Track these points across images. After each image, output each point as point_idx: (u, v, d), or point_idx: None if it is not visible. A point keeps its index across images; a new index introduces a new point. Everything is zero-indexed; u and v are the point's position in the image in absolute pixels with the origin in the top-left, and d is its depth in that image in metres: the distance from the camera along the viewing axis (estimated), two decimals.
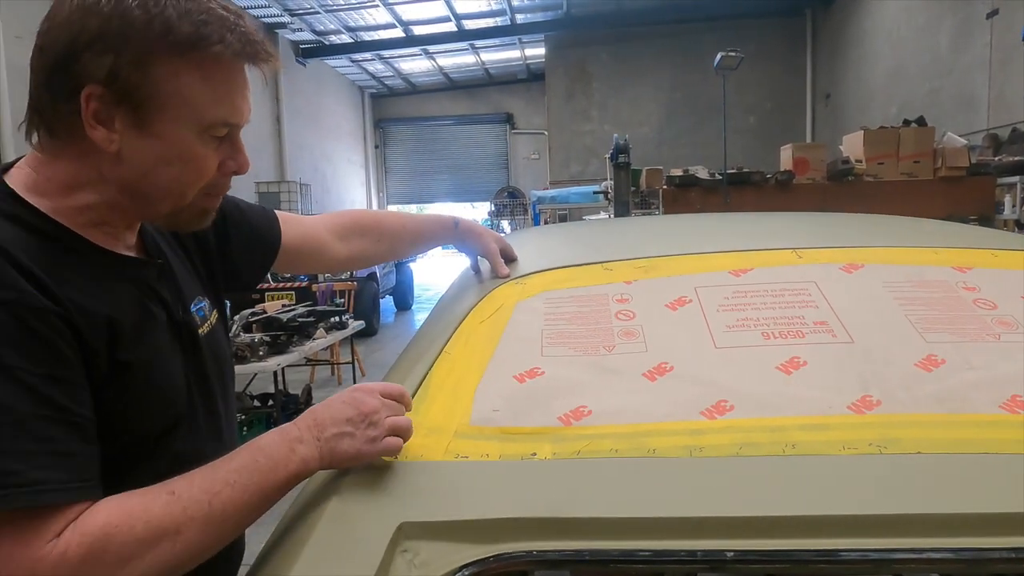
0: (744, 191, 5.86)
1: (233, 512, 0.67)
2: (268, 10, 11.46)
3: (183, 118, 0.71)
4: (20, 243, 0.66)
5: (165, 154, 0.72)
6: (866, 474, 0.66)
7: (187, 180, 0.75)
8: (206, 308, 0.91)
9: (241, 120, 0.76)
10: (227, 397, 0.93)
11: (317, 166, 14.11)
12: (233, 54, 0.72)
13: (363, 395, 0.74)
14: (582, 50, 13.53)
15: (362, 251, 1.17)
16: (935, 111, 7.70)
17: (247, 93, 0.76)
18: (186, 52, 0.69)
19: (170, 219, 0.79)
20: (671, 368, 0.84)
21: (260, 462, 0.69)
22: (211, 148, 0.75)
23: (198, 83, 0.71)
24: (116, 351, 0.70)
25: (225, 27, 0.71)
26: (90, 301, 0.69)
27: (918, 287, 0.96)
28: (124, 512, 0.63)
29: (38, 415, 0.62)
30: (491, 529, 0.62)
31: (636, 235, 1.52)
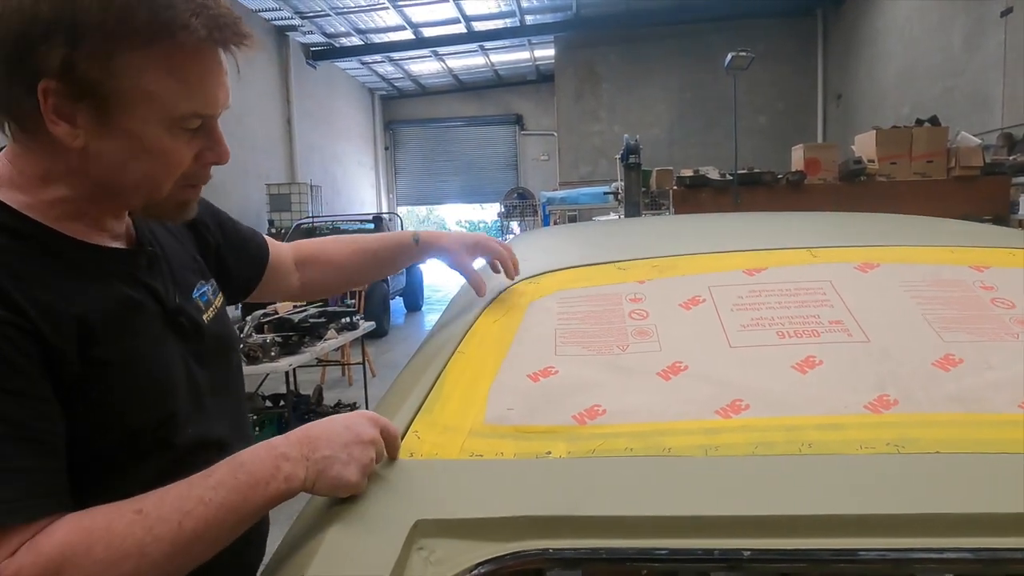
0: (755, 192, 5.84)
1: (205, 532, 0.63)
2: (278, 13, 11.53)
3: (150, 113, 0.66)
4: None
5: (133, 149, 0.68)
6: (883, 474, 0.65)
7: (159, 174, 0.71)
8: (209, 292, 0.88)
9: (215, 110, 0.71)
10: (235, 380, 0.91)
11: (327, 168, 14.17)
12: (199, 40, 0.65)
13: (365, 424, 0.70)
14: (591, 51, 13.51)
15: (311, 280, 1.12)
16: (948, 110, 7.63)
17: (222, 79, 0.70)
18: (148, 42, 0.64)
19: (148, 211, 0.75)
20: (685, 367, 0.83)
21: (240, 479, 0.65)
22: (183, 141, 0.70)
23: (164, 75, 0.65)
24: (90, 349, 0.66)
25: (189, 10, 0.65)
26: (58, 301, 0.65)
27: (935, 286, 0.95)
28: (84, 531, 0.59)
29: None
30: (507, 527, 0.62)
31: (649, 235, 1.52)
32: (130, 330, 0.72)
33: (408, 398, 0.85)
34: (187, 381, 0.78)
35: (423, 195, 18.38)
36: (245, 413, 0.95)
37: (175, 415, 0.75)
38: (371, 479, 0.70)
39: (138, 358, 0.72)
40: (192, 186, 0.75)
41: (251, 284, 1.04)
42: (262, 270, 1.04)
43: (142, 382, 0.72)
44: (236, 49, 0.70)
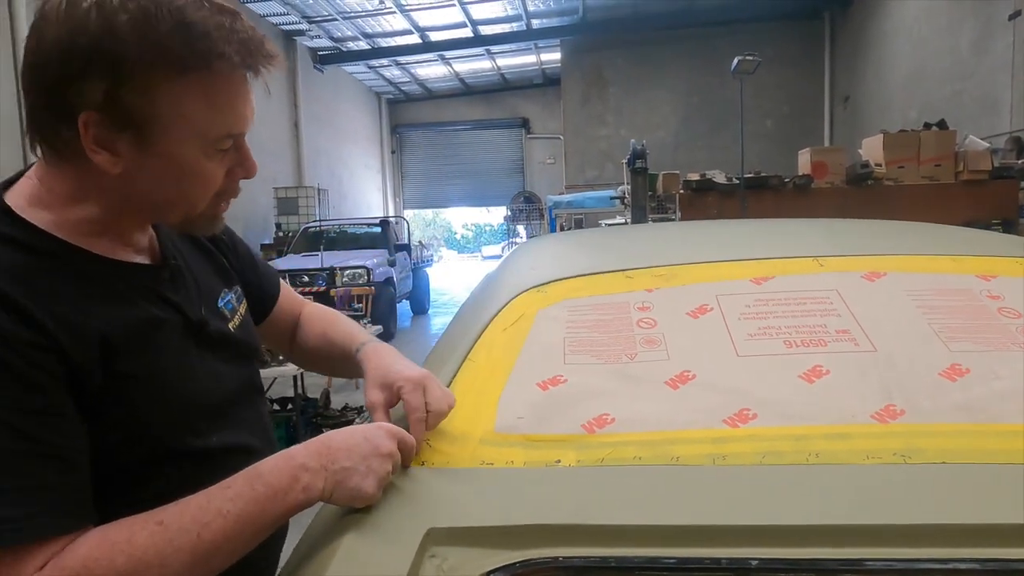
0: (762, 195, 5.83)
1: (224, 543, 0.64)
2: (286, 17, 11.59)
3: (187, 137, 0.69)
4: (8, 268, 0.64)
5: (171, 171, 0.70)
6: (891, 483, 0.66)
7: (195, 193, 0.73)
8: (234, 299, 0.89)
9: (245, 128, 0.73)
10: (258, 385, 0.93)
11: (334, 171, 14.23)
12: (232, 68, 0.68)
13: (384, 436, 0.71)
14: (598, 55, 13.53)
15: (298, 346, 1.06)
16: (956, 114, 7.61)
17: (250, 98, 0.73)
18: (185, 71, 0.66)
19: (181, 226, 0.78)
20: (693, 376, 0.84)
21: (258, 491, 0.66)
22: (217, 160, 0.72)
23: (200, 101, 0.68)
24: (113, 364, 0.68)
25: (222, 37, 0.66)
26: (81, 318, 0.66)
27: (941, 296, 0.96)
28: (107, 544, 0.61)
29: (11, 450, 0.60)
30: (518, 535, 0.63)
31: (656, 243, 1.53)
32: (153, 345, 0.73)
33: None
34: (212, 391, 0.80)
35: (429, 198, 18.44)
36: (267, 417, 0.95)
37: (200, 425, 0.77)
38: (384, 487, 0.71)
39: (161, 371, 0.73)
40: (223, 200, 0.77)
41: (262, 315, 1.00)
42: (268, 308, 1.01)
43: (166, 395, 0.73)
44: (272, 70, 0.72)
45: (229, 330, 0.85)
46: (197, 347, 0.79)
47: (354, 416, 4.79)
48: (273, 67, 0.72)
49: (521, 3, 11.83)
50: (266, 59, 0.71)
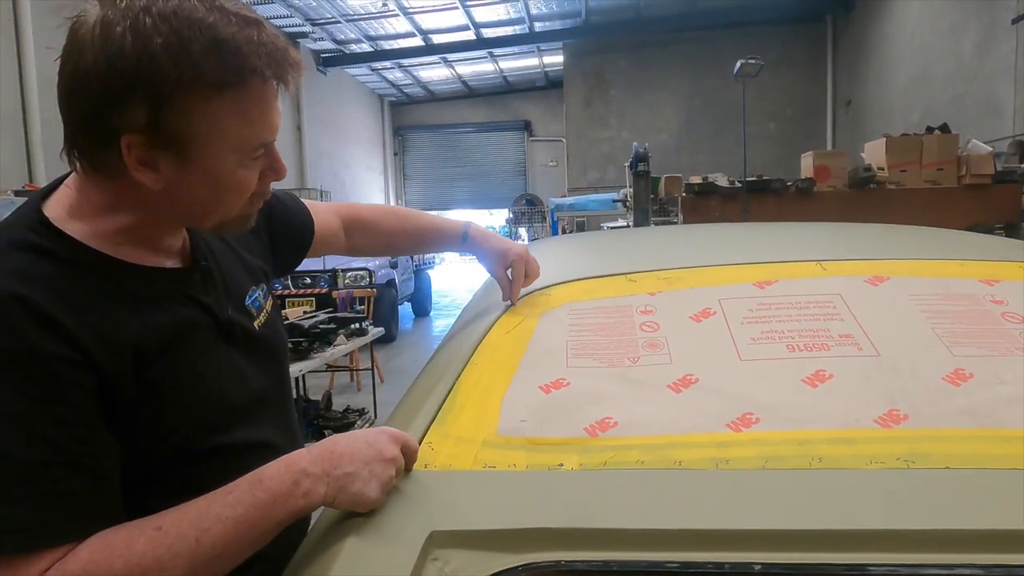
0: (764, 199, 5.83)
1: (223, 548, 0.65)
2: (290, 20, 11.62)
3: (224, 150, 0.71)
4: (43, 282, 0.66)
5: (210, 183, 0.72)
6: (894, 488, 0.66)
7: (232, 200, 0.76)
8: (261, 298, 0.91)
9: (275, 136, 0.75)
10: (285, 383, 0.96)
11: (337, 173, 14.25)
12: (264, 81, 0.70)
13: (387, 441, 0.71)
14: (600, 57, 13.54)
15: (361, 246, 1.19)
16: (959, 118, 7.60)
17: (278, 106, 0.74)
18: (220, 89, 0.68)
19: (216, 229, 0.80)
20: (696, 380, 0.84)
21: (258, 496, 0.67)
22: (253, 168, 0.75)
23: (236, 117, 0.70)
24: (145, 371, 0.70)
25: (252, 51, 0.68)
26: (114, 328, 0.68)
27: (945, 300, 0.96)
28: (107, 549, 0.62)
29: (36, 459, 0.62)
30: (520, 539, 0.63)
31: (659, 246, 1.53)
32: (183, 348, 0.75)
33: (421, 409, 0.86)
34: (239, 388, 0.82)
35: (432, 201, 18.43)
36: (293, 414, 0.98)
37: (226, 423, 0.79)
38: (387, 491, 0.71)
39: (190, 374, 0.76)
40: (256, 202, 0.80)
41: (296, 261, 1.09)
42: (307, 248, 1.09)
43: (195, 396, 0.76)
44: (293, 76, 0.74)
45: (255, 328, 0.87)
46: (225, 346, 0.82)
47: (355, 418, 4.79)
48: (299, 75, 0.74)
49: (524, 6, 11.85)
50: (293, 68, 0.73)
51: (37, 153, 6.07)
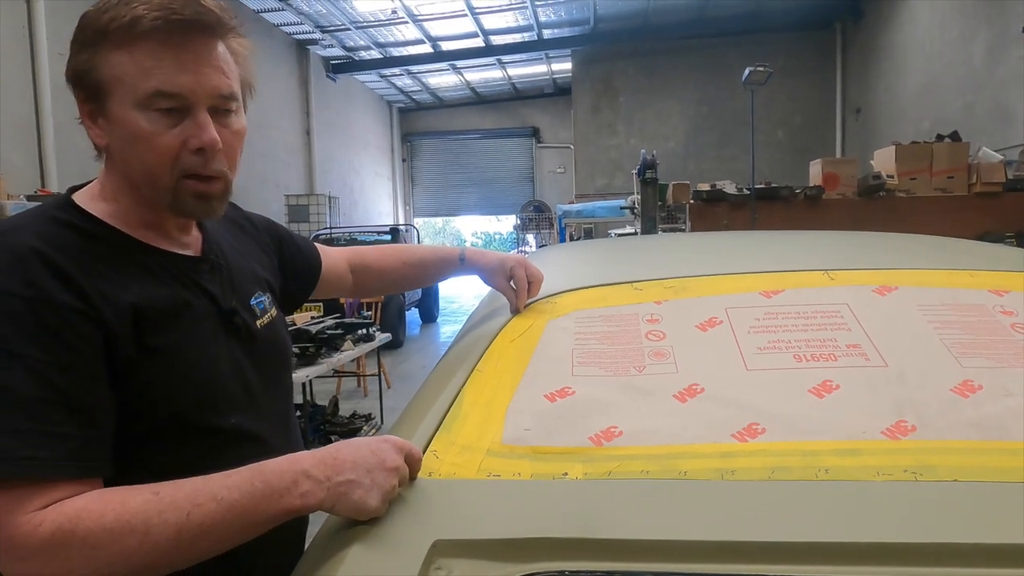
0: (772, 206, 5.81)
1: (211, 528, 0.66)
2: (300, 27, 11.70)
3: (125, 98, 0.76)
4: (62, 245, 0.73)
5: (124, 135, 0.77)
6: (901, 501, 0.65)
7: (150, 160, 0.77)
8: (267, 302, 0.96)
9: (178, 89, 0.75)
10: (286, 384, 0.99)
11: (345, 179, 14.30)
12: (136, 18, 0.73)
13: (391, 450, 0.72)
14: (608, 64, 13.55)
15: (367, 285, 1.26)
16: (969, 125, 7.56)
17: (187, 61, 0.76)
18: (109, 34, 0.74)
19: (173, 208, 0.81)
20: (702, 390, 0.84)
21: (256, 486, 0.68)
22: (163, 125, 0.76)
23: (125, 60, 0.75)
24: (143, 336, 0.75)
25: (143, 4, 0.73)
26: (119, 292, 0.74)
27: (953, 311, 0.95)
28: (102, 500, 0.65)
29: (39, 398, 0.66)
30: (524, 548, 0.63)
31: (666, 254, 1.52)
32: (182, 323, 0.80)
33: (426, 416, 0.86)
34: (234, 375, 0.85)
35: (440, 207, 18.48)
36: (293, 418, 1.00)
37: (217, 401, 0.82)
38: (391, 499, 0.71)
39: (186, 348, 0.80)
40: (194, 177, 0.80)
41: (302, 296, 1.15)
42: (313, 284, 1.15)
43: (189, 371, 0.79)
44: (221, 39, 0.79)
45: (256, 326, 0.91)
46: (224, 334, 0.86)
47: (362, 424, 4.80)
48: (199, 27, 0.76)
49: (532, 14, 11.88)
50: (187, 19, 0.75)
51: (50, 158, 6.13)
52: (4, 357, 0.66)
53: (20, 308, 0.68)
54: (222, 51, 0.79)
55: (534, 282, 1.14)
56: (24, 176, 5.79)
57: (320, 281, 1.16)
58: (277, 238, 1.08)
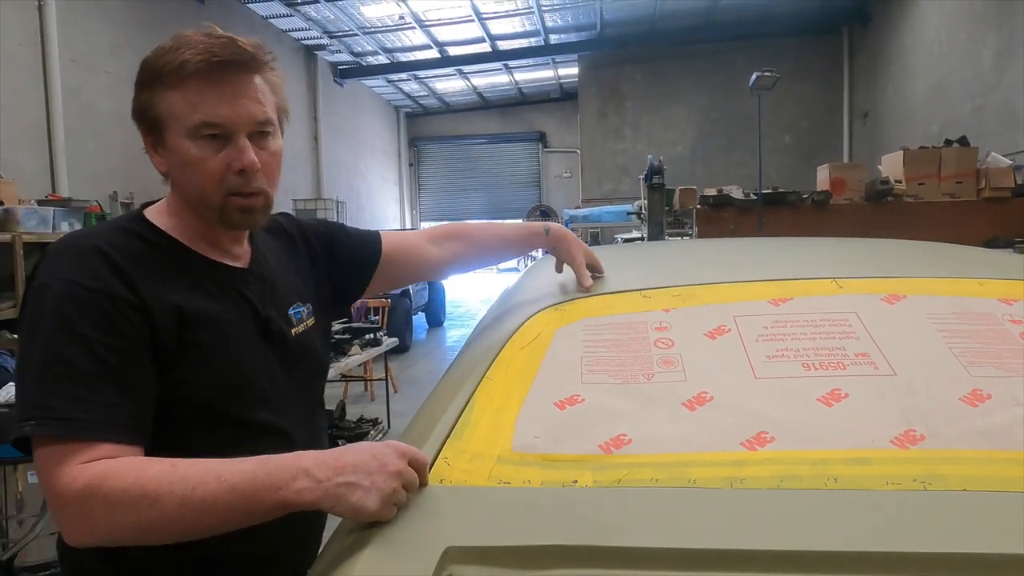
0: (779, 212, 5.80)
1: (211, 506, 0.72)
2: (308, 33, 11.76)
3: (178, 130, 0.88)
4: (126, 249, 0.87)
5: (179, 162, 0.89)
6: (910, 510, 0.66)
7: (200, 182, 0.89)
8: (304, 313, 1.05)
9: (220, 119, 0.87)
10: (315, 388, 1.08)
11: (352, 184, 14.35)
12: (182, 63, 0.85)
13: (392, 455, 0.73)
14: (615, 69, 13.56)
15: (454, 254, 1.26)
16: (978, 130, 7.52)
17: (226, 94, 0.87)
18: (162, 76, 0.87)
19: (222, 222, 0.93)
20: (711, 398, 0.84)
21: (258, 475, 0.73)
22: (209, 151, 0.88)
23: (174, 96, 0.87)
24: (184, 333, 0.86)
25: (190, 49, 0.86)
26: (166, 293, 0.86)
27: (962, 319, 0.95)
28: (127, 464, 0.75)
29: (94, 373, 0.78)
30: (535, 555, 0.63)
31: (674, 262, 1.53)
32: (219, 326, 0.90)
33: (437, 424, 0.87)
34: (265, 375, 0.94)
35: (446, 211, 18.50)
36: (320, 420, 1.09)
37: (247, 396, 0.92)
38: (402, 505, 0.72)
39: (221, 346, 0.90)
40: (239, 194, 0.90)
41: (362, 286, 1.20)
42: (371, 273, 1.19)
43: (222, 366, 0.89)
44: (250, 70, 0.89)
45: (290, 333, 1.00)
46: (261, 340, 0.95)
47: (369, 428, 4.80)
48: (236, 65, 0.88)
49: (539, 19, 11.90)
50: (225, 60, 0.86)
51: (60, 163, 6.17)
52: (68, 335, 0.79)
53: (85, 296, 0.81)
54: (258, 83, 0.90)
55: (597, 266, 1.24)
56: (35, 181, 5.84)
57: (387, 266, 1.19)
58: (329, 245, 1.15)
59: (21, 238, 4.76)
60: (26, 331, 0.82)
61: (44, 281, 0.83)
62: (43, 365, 0.78)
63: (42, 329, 0.80)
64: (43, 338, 0.79)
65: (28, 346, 0.81)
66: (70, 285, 0.81)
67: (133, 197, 6.79)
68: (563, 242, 1.25)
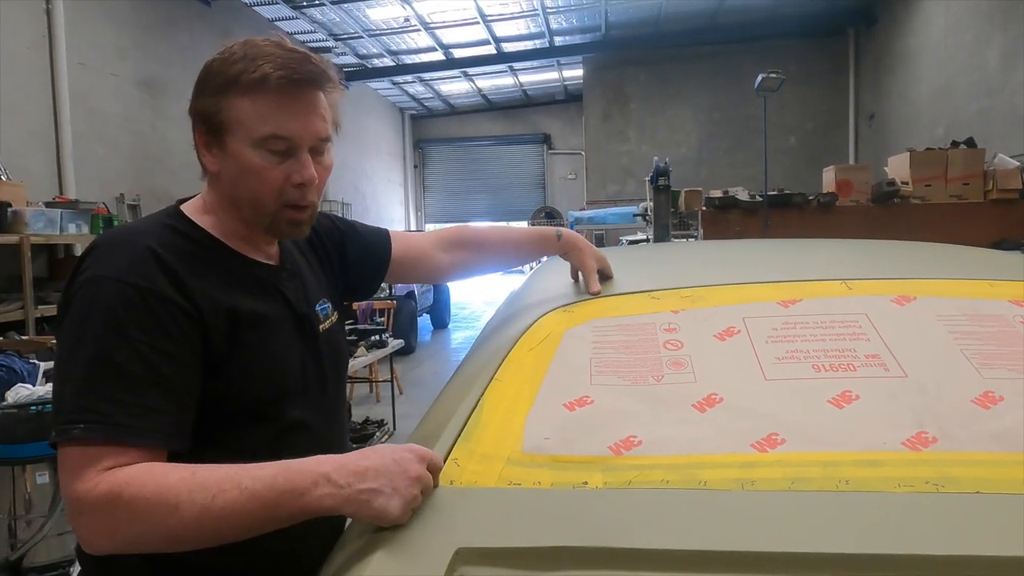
0: (785, 213, 5.78)
1: (231, 513, 0.71)
2: (314, 35, 11.79)
3: (243, 136, 0.88)
4: (175, 248, 0.87)
5: (237, 167, 0.90)
6: (923, 513, 0.65)
7: (258, 190, 0.90)
8: (329, 309, 1.07)
9: (289, 133, 0.89)
10: (340, 382, 1.09)
11: (358, 186, 14.38)
12: (263, 76, 0.86)
13: (413, 460, 0.73)
14: (620, 71, 13.56)
15: (463, 261, 1.28)
16: (985, 131, 7.49)
17: (299, 110, 0.89)
18: (235, 83, 0.87)
19: (270, 230, 0.95)
20: (721, 399, 0.84)
21: (279, 482, 0.72)
22: (272, 162, 0.89)
23: (246, 104, 0.87)
24: (234, 332, 0.87)
25: (268, 61, 0.86)
26: (218, 294, 0.88)
27: (973, 321, 0.95)
28: (147, 472, 0.74)
29: (140, 376, 0.78)
30: (545, 557, 0.63)
31: (682, 263, 1.53)
32: (266, 324, 0.92)
33: (447, 425, 0.87)
34: (300, 371, 0.97)
35: (451, 213, 18.52)
36: (343, 412, 1.11)
37: (287, 395, 0.94)
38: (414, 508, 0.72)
39: (268, 345, 0.92)
40: (293, 207, 0.93)
41: (368, 288, 1.22)
42: (379, 277, 1.22)
43: (269, 363, 0.91)
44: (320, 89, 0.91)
45: (319, 330, 1.03)
46: (295, 336, 0.97)
47: (374, 430, 4.81)
48: (315, 86, 0.90)
49: (544, 21, 11.91)
50: (304, 77, 0.88)
51: (68, 165, 6.20)
52: (117, 336, 0.78)
53: (135, 297, 0.80)
54: (323, 100, 0.92)
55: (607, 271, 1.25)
56: (43, 183, 5.86)
57: (392, 266, 1.21)
58: (340, 244, 1.17)
59: (29, 240, 4.79)
60: (74, 327, 0.80)
61: (94, 277, 0.81)
62: (92, 366, 0.77)
63: (92, 328, 0.79)
64: (93, 338, 0.78)
65: (74, 344, 0.79)
66: (121, 285, 0.80)
67: (140, 199, 6.83)
68: (575, 248, 1.25)
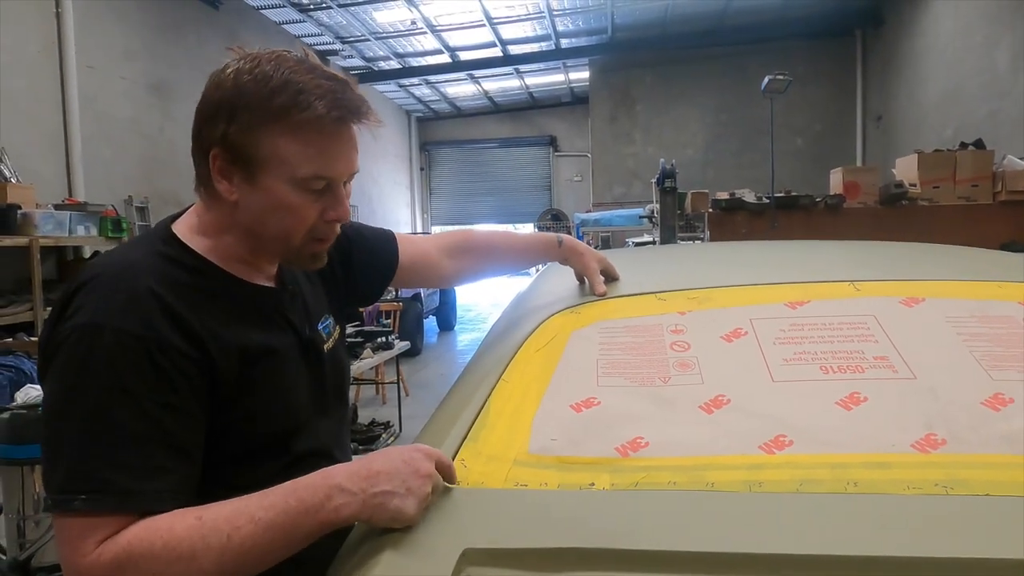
0: (792, 215, 5.76)
1: (252, 548, 0.69)
2: (320, 38, 11.85)
3: (282, 174, 0.82)
4: (175, 283, 0.80)
5: (270, 204, 0.84)
6: (932, 515, 0.65)
7: (290, 226, 0.86)
8: (331, 325, 1.03)
9: (334, 173, 0.84)
10: (342, 399, 1.05)
11: (364, 188, 14.41)
12: (319, 118, 0.80)
13: (423, 458, 0.73)
14: (626, 73, 13.56)
15: (468, 267, 1.27)
16: (994, 133, 7.44)
17: (344, 149, 0.84)
18: (281, 118, 0.80)
19: (287, 260, 0.91)
20: (728, 401, 0.84)
21: (291, 504, 0.70)
22: (310, 199, 0.84)
23: (292, 144, 0.81)
24: (244, 370, 0.82)
25: (316, 95, 0.80)
26: (225, 332, 0.82)
27: (982, 322, 0.94)
28: (151, 528, 0.69)
29: (145, 436, 0.72)
30: (552, 558, 0.63)
31: (689, 264, 1.52)
32: (275, 358, 0.88)
33: (454, 426, 0.87)
34: (309, 399, 0.93)
35: (457, 215, 18.54)
36: (347, 427, 1.09)
37: (299, 426, 0.90)
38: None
39: (278, 378, 0.88)
40: (320, 240, 0.89)
41: (375, 294, 1.19)
42: (385, 282, 1.18)
43: (279, 397, 0.88)
44: (365, 125, 0.85)
45: (324, 351, 0.99)
46: (303, 361, 0.94)
47: (380, 431, 4.81)
48: (363, 122, 0.84)
49: (550, 23, 11.93)
50: (354, 116, 0.83)
51: (77, 169, 6.24)
52: (118, 393, 0.72)
53: (136, 347, 0.74)
54: (356, 133, 0.87)
55: (612, 272, 1.24)
56: (52, 185, 5.91)
57: (400, 273, 1.18)
58: (345, 251, 1.11)
59: (38, 242, 4.82)
60: (68, 379, 0.73)
61: (89, 324, 0.74)
62: (89, 425, 0.71)
63: (87, 382, 0.72)
64: (89, 394, 0.71)
65: (68, 398, 0.72)
66: (119, 335, 0.73)
67: (148, 201, 6.87)
68: (575, 252, 1.26)
